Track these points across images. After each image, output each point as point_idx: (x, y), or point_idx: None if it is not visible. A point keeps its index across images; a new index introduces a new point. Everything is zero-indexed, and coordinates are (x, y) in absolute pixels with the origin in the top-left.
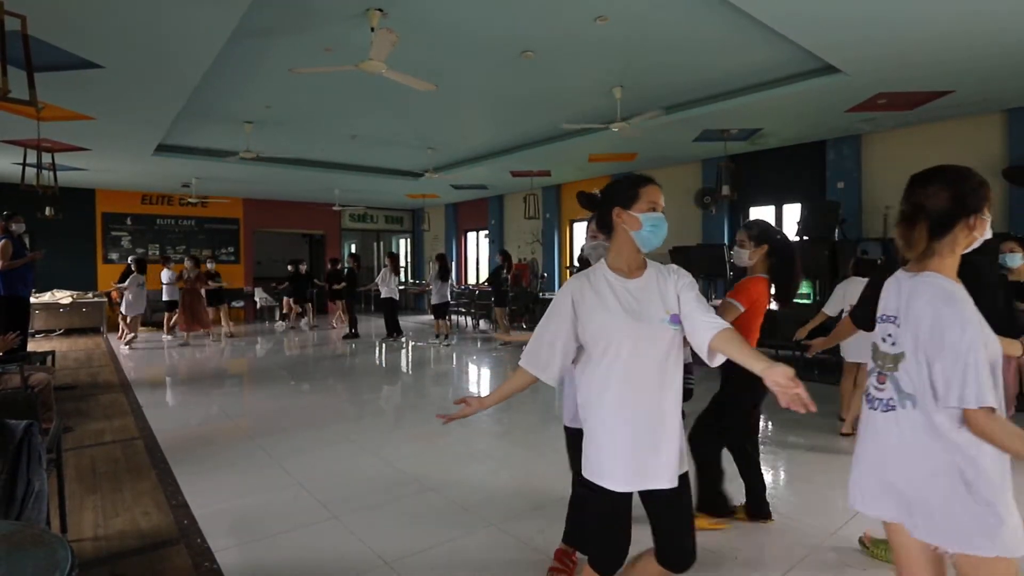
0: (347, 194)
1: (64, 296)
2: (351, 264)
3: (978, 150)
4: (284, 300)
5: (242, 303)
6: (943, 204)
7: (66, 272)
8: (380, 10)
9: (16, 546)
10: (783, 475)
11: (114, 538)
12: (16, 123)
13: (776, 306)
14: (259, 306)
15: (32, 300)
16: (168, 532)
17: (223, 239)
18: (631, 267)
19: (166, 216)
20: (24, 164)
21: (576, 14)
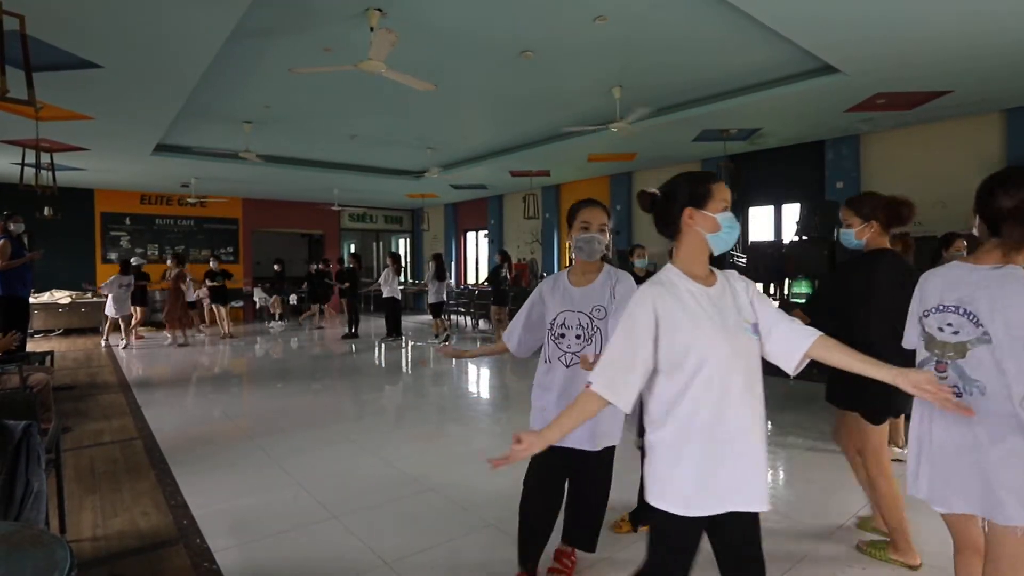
0: (346, 194)
1: (63, 296)
2: (352, 264)
3: (977, 150)
4: (274, 299)
5: (241, 303)
6: None
7: (65, 272)
8: (380, 10)
9: (15, 547)
10: (783, 475)
11: (113, 538)
12: (15, 123)
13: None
14: (258, 306)
15: (31, 300)
16: (167, 532)
17: (222, 239)
18: (705, 273)
19: (165, 216)
20: (23, 164)
21: (576, 14)
